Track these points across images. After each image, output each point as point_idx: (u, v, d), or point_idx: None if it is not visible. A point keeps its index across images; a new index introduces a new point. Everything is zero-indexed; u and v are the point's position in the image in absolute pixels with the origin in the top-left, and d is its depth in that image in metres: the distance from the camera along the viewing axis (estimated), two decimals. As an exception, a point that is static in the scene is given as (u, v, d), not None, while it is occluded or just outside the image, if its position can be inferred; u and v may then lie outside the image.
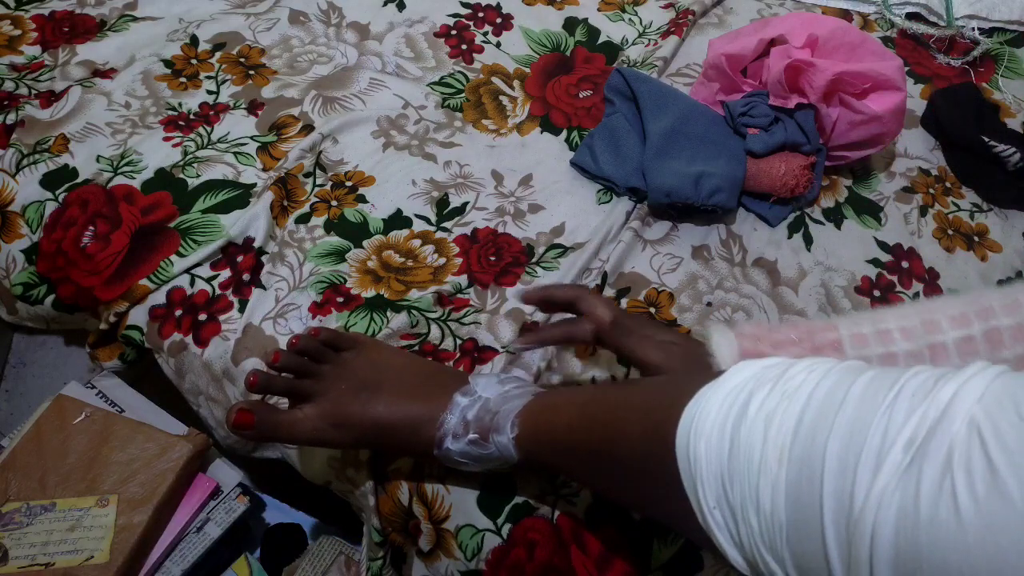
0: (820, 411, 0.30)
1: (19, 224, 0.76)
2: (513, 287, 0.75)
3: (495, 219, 0.80)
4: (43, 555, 0.63)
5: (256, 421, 0.55)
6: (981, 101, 0.98)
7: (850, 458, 0.28)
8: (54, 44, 0.89)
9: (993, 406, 0.26)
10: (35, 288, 0.76)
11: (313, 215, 0.78)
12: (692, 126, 0.82)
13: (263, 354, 0.69)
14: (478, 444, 0.54)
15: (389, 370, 0.59)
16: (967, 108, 0.95)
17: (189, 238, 0.74)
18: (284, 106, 0.86)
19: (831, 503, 0.28)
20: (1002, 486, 0.23)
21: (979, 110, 0.96)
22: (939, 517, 0.24)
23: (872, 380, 0.30)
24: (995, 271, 0.86)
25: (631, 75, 0.85)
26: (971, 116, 0.94)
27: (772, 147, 0.80)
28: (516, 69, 0.94)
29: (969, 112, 0.95)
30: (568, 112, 0.91)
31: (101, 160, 0.79)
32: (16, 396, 1.02)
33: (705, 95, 0.89)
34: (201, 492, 0.70)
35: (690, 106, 0.83)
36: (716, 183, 0.77)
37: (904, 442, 0.26)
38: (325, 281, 0.74)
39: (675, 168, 0.78)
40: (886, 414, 0.28)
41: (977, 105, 0.97)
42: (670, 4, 1.07)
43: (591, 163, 0.83)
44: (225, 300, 0.72)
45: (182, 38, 0.91)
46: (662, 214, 0.82)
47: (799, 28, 0.83)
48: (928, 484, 0.25)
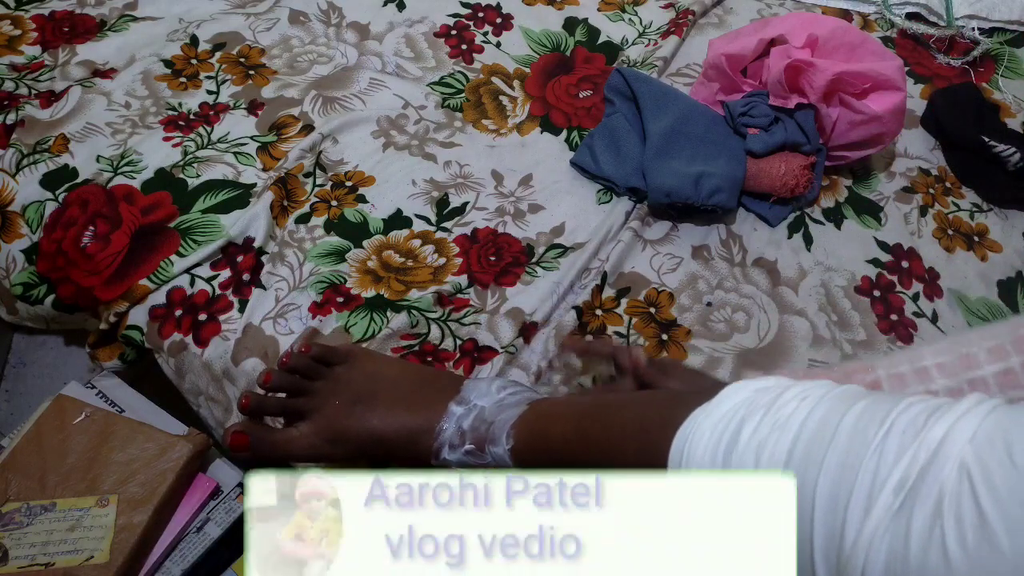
0: (810, 445, 0.30)
1: (19, 224, 0.76)
2: (513, 287, 0.75)
3: (495, 219, 0.80)
4: (43, 555, 0.63)
5: (252, 442, 0.55)
6: (981, 101, 0.98)
7: (840, 497, 0.28)
8: (54, 44, 0.89)
9: (984, 447, 0.26)
10: (35, 288, 0.76)
11: (313, 215, 0.78)
12: (692, 126, 0.82)
13: (263, 355, 0.69)
14: (474, 455, 0.54)
15: (383, 380, 0.58)
16: (967, 108, 0.95)
17: (189, 238, 0.74)
18: (284, 106, 0.86)
19: (821, 541, 0.28)
20: (991, 536, 0.23)
21: (979, 110, 0.96)
22: (929, 564, 0.25)
23: (863, 413, 0.30)
24: (995, 271, 0.86)
25: (631, 75, 0.85)
26: (971, 116, 0.94)
27: (772, 147, 0.80)
28: (516, 69, 0.94)
29: (969, 112, 0.95)
30: (568, 112, 0.91)
31: (101, 160, 0.79)
32: (16, 396, 1.02)
33: (705, 95, 0.89)
34: (201, 492, 0.70)
35: (690, 106, 0.83)
36: (716, 183, 0.77)
37: (894, 485, 0.26)
38: (325, 281, 0.74)
39: (675, 168, 0.78)
40: (876, 452, 0.28)
41: (977, 105, 0.97)
42: (670, 4, 1.07)
43: (591, 163, 0.83)
44: (225, 300, 0.72)
45: (182, 38, 0.91)
46: (662, 214, 0.82)
47: (799, 28, 0.83)
48: (918, 529, 0.25)
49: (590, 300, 0.75)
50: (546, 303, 0.73)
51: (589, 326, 0.73)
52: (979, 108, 0.96)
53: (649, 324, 0.74)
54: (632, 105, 0.85)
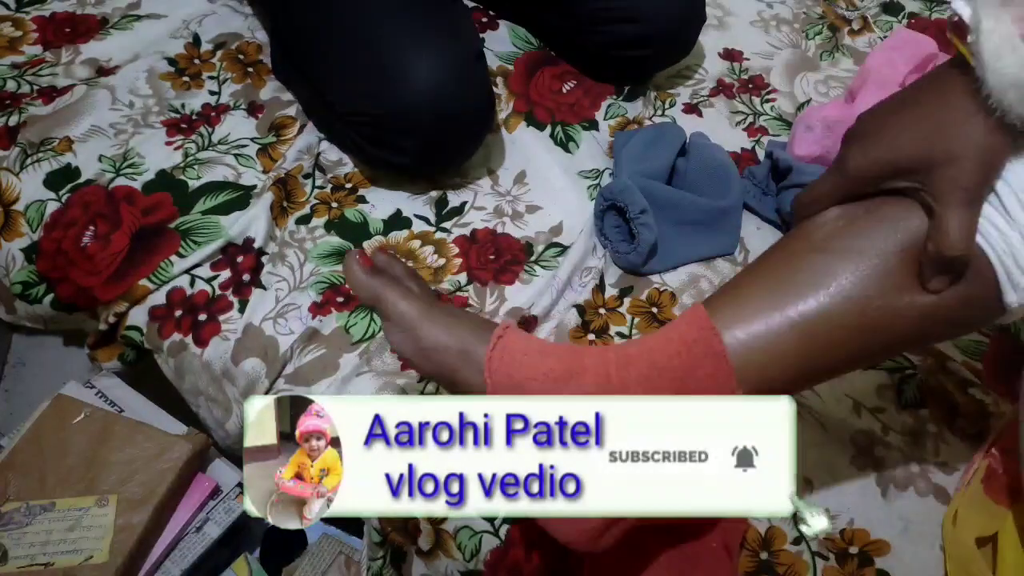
0: None
1: (20, 223, 0.76)
2: (512, 285, 0.75)
3: (494, 220, 0.80)
4: (42, 555, 0.63)
5: (373, 268, 0.51)
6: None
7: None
8: (56, 44, 0.89)
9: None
10: (34, 287, 0.76)
11: (314, 216, 0.79)
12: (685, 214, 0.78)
13: (263, 355, 0.69)
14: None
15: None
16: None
17: (189, 239, 0.74)
18: (283, 106, 0.86)
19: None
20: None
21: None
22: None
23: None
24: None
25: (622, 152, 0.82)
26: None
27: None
28: (499, 66, 0.94)
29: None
30: (551, 107, 0.91)
31: (103, 160, 0.79)
32: (16, 396, 1.02)
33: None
34: (201, 492, 0.70)
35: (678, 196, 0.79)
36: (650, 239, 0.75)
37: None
38: (325, 281, 0.74)
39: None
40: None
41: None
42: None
43: (622, 145, 0.83)
44: (225, 300, 0.72)
45: (185, 36, 0.91)
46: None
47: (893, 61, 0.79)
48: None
49: (591, 299, 0.75)
50: (544, 296, 0.73)
51: (592, 325, 0.73)
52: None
53: (651, 324, 0.74)
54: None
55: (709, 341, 0.45)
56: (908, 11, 1.10)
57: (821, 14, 1.08)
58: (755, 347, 0.45)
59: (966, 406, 0.68)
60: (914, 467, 0.65)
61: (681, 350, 0.45)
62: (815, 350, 0.46)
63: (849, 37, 1.06)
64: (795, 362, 0.46)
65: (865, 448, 0.66)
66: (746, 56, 1.01)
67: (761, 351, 0.45)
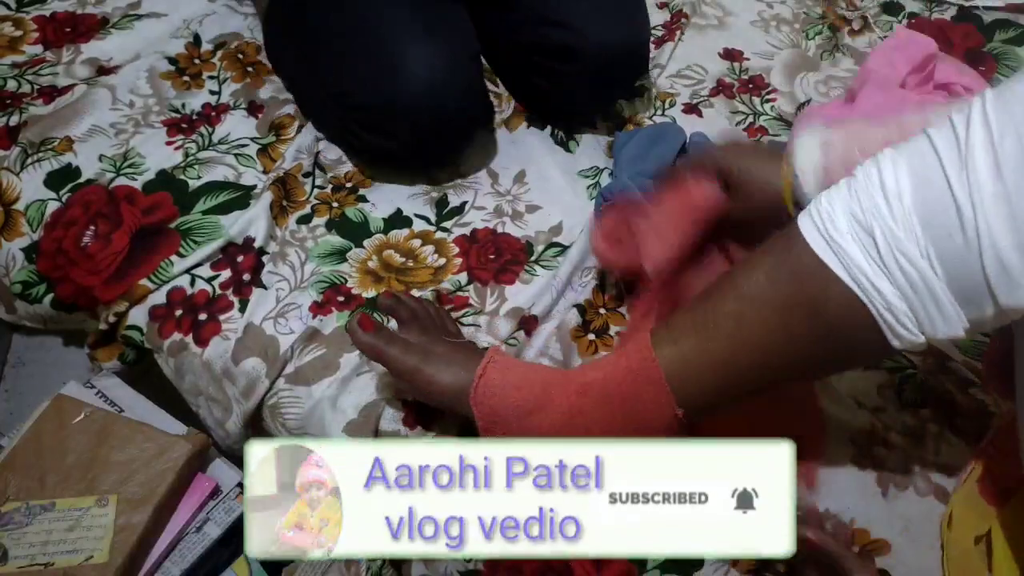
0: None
1: (21, 222, 0.76)
2: (512, 285, 0.75)
3: (494, 219, 0.80)
4: (42, 555, 0.63)
5: (375, 328, 0.59)
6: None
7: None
8: (57, 44, 0.89)
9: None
10: (34, 287, 0.76)
11: (315, 215, 0.79)
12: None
13: (263, 354, 0.69)
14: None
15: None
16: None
17: (189, 239, 0.74)
18: (282, 105, 0.86)
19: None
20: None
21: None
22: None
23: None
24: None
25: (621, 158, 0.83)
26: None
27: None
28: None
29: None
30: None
31: (104, 159, 0.79)
32: (16, 396, 1.02)
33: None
34: (201, 492, 0.70)
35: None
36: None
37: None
38: (326, 281, 0.74)
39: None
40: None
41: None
42: (664, 4, 1.06)
43: (621, 144, 0.83)
44: (225, 300, 0.72)
45: (185, 36, 0.91)
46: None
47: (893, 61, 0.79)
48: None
49: (592, 299, 0.75)
50: (544, 296, 0.73)
51: (592, 325, 0.73)
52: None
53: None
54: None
55: (648, 370, 0.48)
56: (908, 11, 1.10)
57: (821, 14, 1.08)
58: (688, 376, 0.48)
59: (966, 406, 0.68)
60: (914, 467, 0.65)
61: (628, 377, 0.49)
62: (737, 379, 0.48)
63: (849, 37, 1.06)
64: (723, 385, 0.48)
65: (865, 448, 0.66)
66: (746, 56, 1.01)
67: (694, 381, 0.48)
